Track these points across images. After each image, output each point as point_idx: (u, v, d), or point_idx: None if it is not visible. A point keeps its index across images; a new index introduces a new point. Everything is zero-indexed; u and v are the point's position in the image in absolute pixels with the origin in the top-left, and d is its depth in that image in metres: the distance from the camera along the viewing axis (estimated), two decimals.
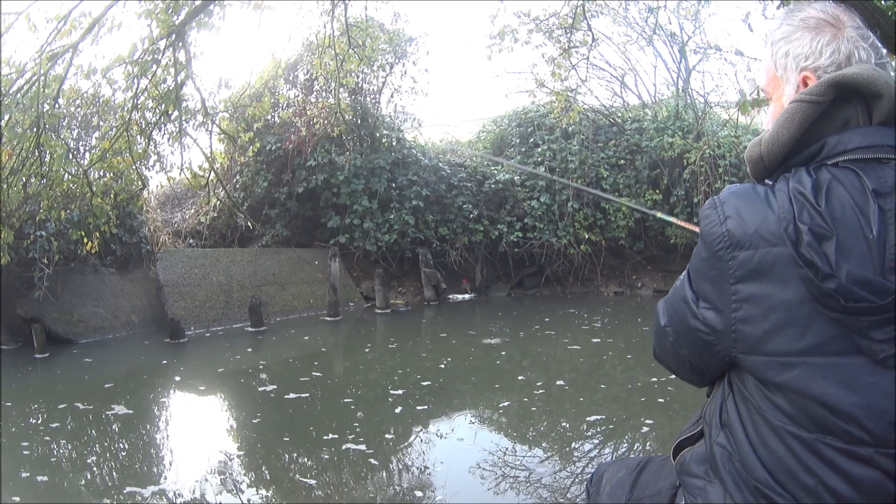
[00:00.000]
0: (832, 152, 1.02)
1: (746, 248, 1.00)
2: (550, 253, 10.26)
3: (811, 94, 1.03)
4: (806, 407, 0.95)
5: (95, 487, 3.51)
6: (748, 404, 1.04)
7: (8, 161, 5.42)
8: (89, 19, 5.05)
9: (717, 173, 9.98)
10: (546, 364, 6.22)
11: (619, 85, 12.03)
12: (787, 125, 1.05)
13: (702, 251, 1.07)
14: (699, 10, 10.85)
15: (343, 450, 3.89)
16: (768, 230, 0.98)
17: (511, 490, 3.36)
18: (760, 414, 1.02)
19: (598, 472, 1.71)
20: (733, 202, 1.04)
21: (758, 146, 1.10)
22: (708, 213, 1.07)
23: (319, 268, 9.34)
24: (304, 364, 6.40)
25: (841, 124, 1.04)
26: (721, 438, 1.09)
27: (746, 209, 1.02)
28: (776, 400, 0.99)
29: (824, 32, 1.09)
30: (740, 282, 1.00)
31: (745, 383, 1.05)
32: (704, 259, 1.07)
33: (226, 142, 8.41)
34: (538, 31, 7.30)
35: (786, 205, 0.98)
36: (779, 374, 0.97)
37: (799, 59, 1.11)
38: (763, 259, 0.98)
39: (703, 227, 1.07)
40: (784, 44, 1.13)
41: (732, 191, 1.07)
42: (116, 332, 7.50)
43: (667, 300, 1.21)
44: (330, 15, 6.97)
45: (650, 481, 1.43)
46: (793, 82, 1.11)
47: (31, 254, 6.83)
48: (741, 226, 1.01)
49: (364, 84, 10.59)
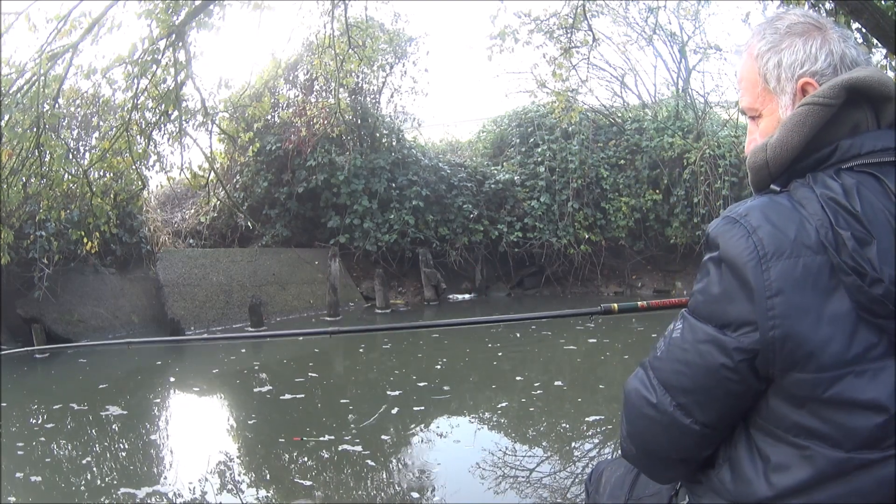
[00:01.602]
0: (846, 156, 0.99)
1: (786, 257, 0.93)
2: (550, 253, 10.26)
3: (824, 97, 1.00)
4: (845, 422, 0.92)
5: (90, 488, 3.50)
6: (767, 434, 1.00)
7: (8, 161, 5.42)
8: (89, 19, 5.05)
9: (717, 173, 9.98)
10: (544, 364, 6.21)
11: (620, 85, 12.05)
12: (798, 128, 1.01)
13: (721, 272, 0.98)
14: (699, 10, 10.88)
15: (341, 450, 3.88)
16: (808, 238, 0.94)
17: (511, 490, 3.36)
18: (784, 441, 0.97)
19: (596, 471, 1.70)
20: (758, 213, 0.98)
21: (762, 152, 1.05)
22: (726, 229, 0.99)
23: (319, 268, 9.34)
24: (303, 364, 6.39)
25: (850, 128, 1.01)
26: (723, 474, 1.05)
27: (778, 218, 0.96)
28: (808, 422, 0.95)
29: (813, 36, 1.07)
30: (777, 295, 0.92)
31: (766, 414, 1.00)
32: (734, 277, 0.97)
33: (226, 142, 8.41)
34: (539, 32, 7.30)
35: (819, 211, 0.95)
36: (827, 388, 0.92)
37: (794, 66, 1.07)
38: (808, 268, 0.93)
39: (723, 243, 0.98)
40: (773, 54, 1.08)
41: (751, 205, 1.01)
42: (116, 333, 7.50)
43: (668, 360, 1.06)
44: (330, 15, 6.97)
45: (649, 480, 1.42)
46: (789, 92, 1.07)
47: (31, 254, 6.83)
48: (776, 235, 0.95)
49: (364, 84, 10.60)
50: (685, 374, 1.02)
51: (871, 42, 3.46)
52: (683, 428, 1.04)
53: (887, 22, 3.26)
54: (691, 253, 9.90)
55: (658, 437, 1.08)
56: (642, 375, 1.10)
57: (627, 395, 1.12)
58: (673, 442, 1.07)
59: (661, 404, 1.05)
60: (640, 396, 1.09)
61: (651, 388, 1.07)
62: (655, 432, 1.08)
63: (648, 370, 1.09)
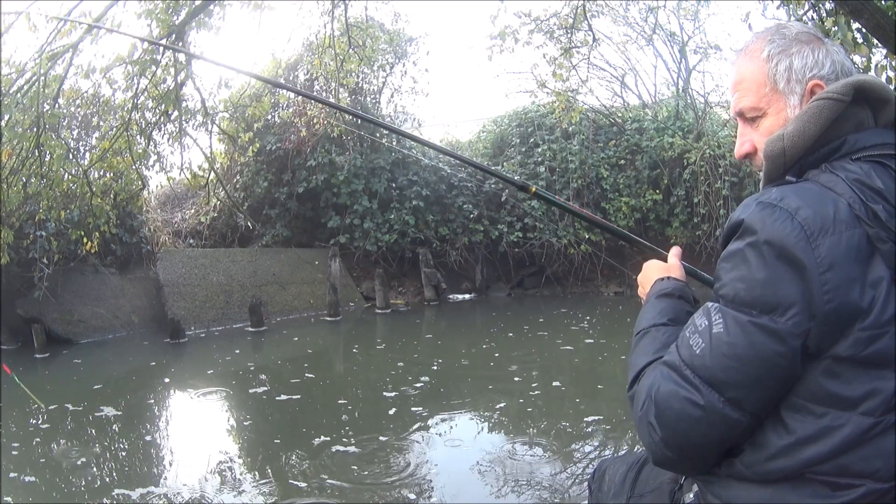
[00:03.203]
0: (852, 149, 1.08)
1: (831, 233, 0.99)
2: (550, 253, 10.26)
3: (837, 93, 1.09)
4: (877, 386, 0.99)
5: (85, 489, 3.50)
6: (797, 410, 1.03)
7: (8, 161, 5.42)
8: (89, 19, 5.06)
9: (717, 173, 9.97)
10: (542, 365, 6.20)
11: (620, 85, 12.05)
12: (815, 120, 1.08)
13: (770, 253, 1.01)
14: (699, 9, 10.88)
15: (339, 451, 3.88)
16: (844, 214, 1.01)
17: (510, 490, 3.36)
18: (814, 414, 1.02)
19: (599, 469, 1.70)
20: (794, 197, 1.03)
21: (780, 141, 1.11)
22: (766, 214, 1.02)
23: (319, 268, 9.34)
24: (303, 365, 6.39)
25: (855, 125, 1.11)
26: (749, 456, 1.08)
27: (813, 199, 1.02)
28: (842, 391, 1.00)
29: (818, 46, 1.17)
30: (830, 269, 0.98)
31: (799, 389, 1.03)
32: (779, 258, 1.00)
33: (226, 142, 8.41)
34: (539, 32, 7.30)
35: (848, 191, 1.03)
36: (866, 347, 0.99)
37: (805, 69, 1.15)
38: (850, 241, 0.99)
39: (764, 228, 1.02)
40: (784, 57, 1.16)
41: (781, 191, 1.05)
42: (116, 332, 7.50)
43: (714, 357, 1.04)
44: (330, 15, 6.98)
45: (651, 476, 1.43)
46: (798, 93, 1.15)
47: (31, 254, 6.83)
48: (818, 214, 1.00)
49: (364, 84, 10.60)
50: (735, 368, 1.03)
51: (871, 42, 3.45)
52: (733, 422, 1.04)
53: (887, 22, 3.25)
54: (691, 253, 9.88)
55: (704, 436, 1.07)
56: (675, 377, 1.08)
57: (662, 401, 1.08)
58: (720, 437, 1.07)
59: (710, 403, 1.04)
60: (681, 399, 1.06)
61: (693, 388, 1.05)
62: (701, 432, 1.06)
63: (684, 369, 1.07)
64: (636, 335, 1.31)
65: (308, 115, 9.42)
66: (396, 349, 7.24)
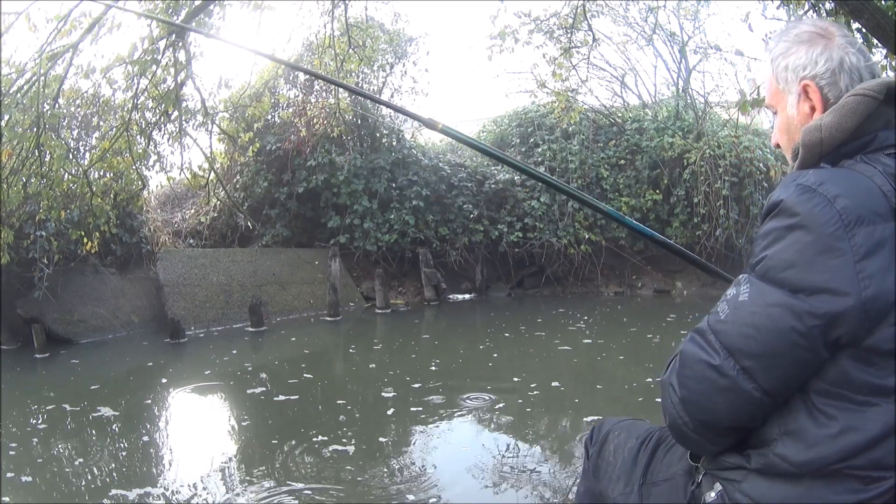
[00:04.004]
0: (883, 144, 1.12)
1: (866, 224, 1.01)
2: (550, 253, 10.26)
3: (872, 90, 1.13)
4: None
5: (82, 489, 3.50)
6: (834, 398, 1.05)
7: (8, 161, 5.42)
8: (89, 19, 5.06)
9: (717, 173, 9.98)
10: (540, 365, 6.20)
11: (620, 85, 12.05)
12: (852, 114, 1.12)
13: (806, 237, 1.03)
14: (699, 10, 10.88)
15: (337, 452, 3.88)
16: (882, 206, 1.03)
17: (510, 490, 3.36)
18: (852, 402, 1.03)
19: (599, 430, 1.65)
20: (832, 183, 1.05)
21: (817, 132, 1.14)
22: (806, 198, 1.04)
23: (319, 268, 9.34)
24: (303, 365, 6.40)
25: (884, 122, 1.14)
26: (783, 448, 1.08)
27: (851, 187, 1.04)
28: (879, 379, 1.02)
29: (816, 44, 1.21)
30: (865, 258, 1.00)
31: (834, 377, 1.04)
32: (814, 244, 1.02)
33: (226, 142, 8.41)
34: (539, 32, 7.31)
35: (886, 183, 1.06)
36: None
37: (797, 70, 1.21)
38: (884, 230, 1.02)
39: (803, 211, 1.04)
40: (783, 59, 1.23)
41: (820, 175, 1.08)
42: (116, 332, 7.50)
43: (735, 324, 1.08)
44: (330, 15, 6.98)
45: (664, 464, 1.40)
46: (794, 92, 1.22)
47: (31, 254, 6.83)
48: (855, 203, 1.02)
49: (364, 84, 10.59)
50: (753, 338, 1.06)
51: (872, 42, 3.45)
52: (744, 393, 1.07)
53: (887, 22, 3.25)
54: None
55: (716, 402, 1.10)
56: (699, 340, 1.12)
57: (685, 359, 1.13)
58: (731, 408, 1.09)
59: (724, 367, 1.07)
60: (700, 360, 1.11)
61: (713, 351, 1.09)
62: (713, 397, 1.09)
63: (708, 334, 1.11)
64: None
65: (308, 115, 9.43)
66: (396, 349, 7.24)
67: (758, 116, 10.28)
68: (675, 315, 8.64)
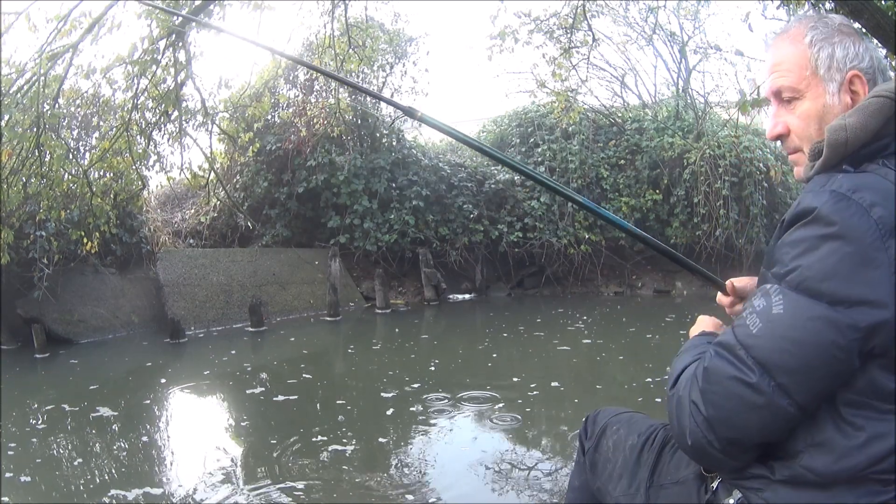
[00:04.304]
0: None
1: None
2: (550, 253, 10.26)
3: (894, 92, 1.11)
4: None
5: (81, 489, 3.50)
6: (861, 408, 1.04)
7: (8, 161, 5.42)
8: (89, 19, 5.06)
9: (717, 173, 9.98)
10: (540, 365, 6.20)
11: (620, 85, 12.06)
12: (876, 116, 1.10)
13: (844, 248, 1.00)
14: (699, 10, 10.88)
15: (336, 452, 3.88)
16: None
17: (510, 490, 3.36)
18: (880, 410, 1.03)
19: (595, 421, 1.63)
20: (867, 192, 1.03)
21: (843, 131, 1.11)
22: (842, 206, 1.02)
23: (319, 268, 9.34)
24: (303, 365, 6.39)
25: None
26: (811, 459, 1.07)
27: (885, 196, 1.03)
28: None
29: (858, 40, 1.20)
30: None
31: (863, 388, 1.04)
32: (853, 255, 1.00)
33: (226, 142, 8.41)
34: (538, 32, 7.31)
35: None
36: None
37: (847, 59, 1.17)
38: None
39: (839, 220, 1.01)
40: (827, 45, 1.18)
41: (853, 181, 1.05)
42: (116, 332, 7.50)
43: (770, 338, 1.03)
44: (330, 15, 6.99)
45: (673, 466, 1.38)
46: (838, 80, 1.17)
47: (31, 254, 6.83)
48: (890, 212, 1.01)
49: (364, 84, 10.59)
50: (790, 353, 1.02)
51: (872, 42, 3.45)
52: (779, 409, 1.03)
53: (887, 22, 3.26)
54: (691, 253, 9.88)
55: (748, 420, 1.05)
56: (727, 355, 1.07)
57: (712, 376, 1.08)
58: (762, 424, 1.05)
59: (760, 384, 1.03)
60: (731, 377, 1.05)
61: (746, 368, 1.04)
62: (745, 414, 1.05)
63: (738, 349, 1.06)
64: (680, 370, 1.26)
65: (308, 115, 9.43)
66: (395, 349, 7.23)
67: (758, 116, 10.28)
68: (674, 315, 8.64)
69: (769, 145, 10.96)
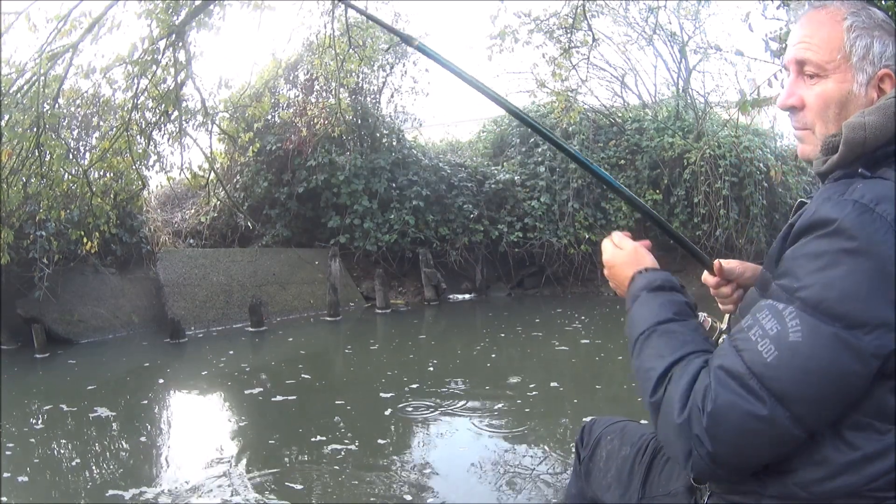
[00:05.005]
0: None
1: None
2: (551, 253, 10.26)
3: None
4: None
5: (78, 490, 3.50)
6: (861, 428, 1.01)
7: (8, 161, 5.43)
8: (89, 19, 5.07)
9: (718, 173, 9.98)
10: (539, 365, 6.20)
11: (620, 85, 12.05)
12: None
13: (866, 265, 0.95)
14: (699, 10, 10.87)
15: (336, 452, 3.88)
16: None
17: (510, 490, 3.35)
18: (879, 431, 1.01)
19: (589, 432, 1.65)
20: (889, 204, 0.98)
21: (861, 130, 1.08)
22: (866, 220, 0.97)
23: (319, 268, 9.34)
24: (302, 365, 6.39)
25: None
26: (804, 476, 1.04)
27: None
28: None
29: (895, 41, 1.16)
30: None
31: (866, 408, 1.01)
32: (876, 274, 0.95)
33: (226, 142, 8.42)
34: (538, 32, 7.32)
35: None
36: None
37: (884, 56, 1.14)
38: None
39: (865, 235, 0.96)
40: (866, 35, 1.14)
41: (875, 190, 1.01)
42: (117, 332, 7.50)
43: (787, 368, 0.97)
44: (330, 15, 6.99)
45: (664, 478, 1.38)
46: (868, 73, 1.13)
47: (31, 254, 6.83)
48: None
49: (364, 84, 10.60)
50: (808, 383, 0.96)
51: None
52: (791, 438, 1.00)
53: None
54: None
55: (758, 451, 1.01)
56: (735, 387, 0.99)
57: (720, 412, 0.99)
58: (773, 453, 1.03)
59: (774, 415, 0.97)
60: (743, 412, 0.98)
61: (757, 399, 0.98)
62: (757, 447, 1.01)
63: (748, 378, 0.99)
64: (640, 336, 1.20)
65: (308, 115, 9.43)
66: (395, 349, 7.23)
67: (758, 116, 10.28)
68: None
69: (769, 145, 10.97)
